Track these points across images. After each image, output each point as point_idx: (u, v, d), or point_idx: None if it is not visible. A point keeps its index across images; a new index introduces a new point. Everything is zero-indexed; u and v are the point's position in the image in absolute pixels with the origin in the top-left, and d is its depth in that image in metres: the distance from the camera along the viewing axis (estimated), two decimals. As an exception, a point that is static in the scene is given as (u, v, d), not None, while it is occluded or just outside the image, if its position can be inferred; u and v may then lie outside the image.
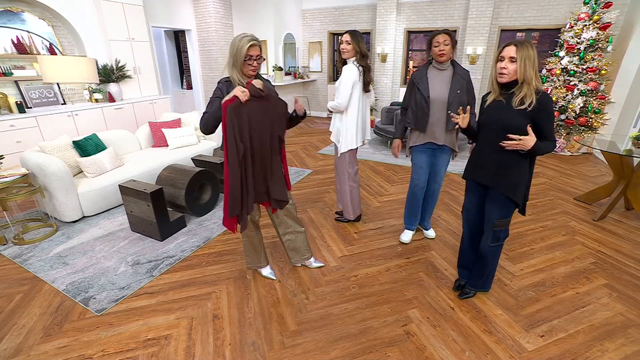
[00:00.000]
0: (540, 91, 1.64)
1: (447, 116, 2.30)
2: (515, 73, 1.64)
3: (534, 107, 1.62)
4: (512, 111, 1.68)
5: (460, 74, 2.27)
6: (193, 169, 3.17)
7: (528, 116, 1.64)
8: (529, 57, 1.60)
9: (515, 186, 1.77)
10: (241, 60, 1.79)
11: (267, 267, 2.36)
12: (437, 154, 2.48)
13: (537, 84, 1.64)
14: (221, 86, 1.89)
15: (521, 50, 1.61)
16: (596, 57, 4.91)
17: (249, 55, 1.79)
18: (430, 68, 2.34)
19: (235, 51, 1.78)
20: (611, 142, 3.48)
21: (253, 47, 1.78)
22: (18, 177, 2.75)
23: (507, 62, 1.65)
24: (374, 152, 5.38)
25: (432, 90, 2.29)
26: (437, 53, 2.23)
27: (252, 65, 1.82)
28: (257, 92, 1.78)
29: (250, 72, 1.86)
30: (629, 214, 3.27)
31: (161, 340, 1.83)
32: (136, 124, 5.22)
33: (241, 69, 1.83)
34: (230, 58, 1.82)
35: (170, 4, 6.27)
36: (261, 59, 1.85)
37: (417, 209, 2.69)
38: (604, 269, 2.43)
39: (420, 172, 2.54)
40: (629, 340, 1.83)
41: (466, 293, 2.14)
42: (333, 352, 1.76)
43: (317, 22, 7.87)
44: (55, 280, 2.30)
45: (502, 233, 1.89)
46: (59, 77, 4.01)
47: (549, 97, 1.66)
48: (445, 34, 2.18)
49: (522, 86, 1.65)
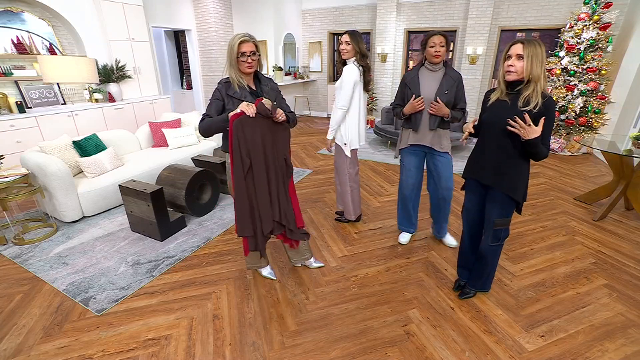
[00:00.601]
0: (547, 95, 1.62)
1: (429, 115, 2.30)
2: (522, 71, 1.62)
3: (539, 109, 1.60)
4: (516, 112, 1.66)
5: (450, 75, 2.26)
6: (193, 169, 3.17)
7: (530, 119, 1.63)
8: (537, 55, 1.58)
9: (515, 185, 1.76)
10: (234, 58, 1.82)
11: (267, 267, 2.36)
12: (435, 158, 2.44)
13: (545, 85, 1.62)
14: (220, 87, 1.91)
15: (528, 47, 1.60)
16: (596, 57, 4.91)
17: (241, 52, 1.81)
18: (422, 69, 2.34)
19: (229, 50, 1.82)
20: (611, 142, 3.48)
21: (244, 43, 1.80)
22: (18, 177, 2.75)
23: (514, 60, 1.63)
24: (374, 152, 5.38)
25: (422, 90, 2.29)
26: (432, 54, 2.22)
27: (246, 62, 1.84)
28: (264, 112, 1.77)
29: (246, 69, 1.87)
30: (629, 214, 3.27)
31: (161, 340, 1.83)
32: (136, 124, 5.22)
33: (237, 67, 1.85)
34: (227, 58, 1.86)
35: (170, 4, 6.27)
36: (256, 54, 1.86)
37: (408, 212, 2.68)
38: (604, 269, 2.43)
39: (407, 175, 2.54)
40: (629, 341, 1.83)
41: (466, 293, 2.14)
42: (333, 352, 1.76)
43: (317, 22, 7.87)
44: (55, 280, 2.30)
45: (503, 233, 1.88)
46: (59, 77, 4.01)
47: (554, 103, 1.64)
48: (441, 35, 2.18)
49: (529, 85, 1.63)
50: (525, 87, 1.64)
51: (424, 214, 3.07)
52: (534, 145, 1.61)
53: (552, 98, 1.63)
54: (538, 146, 1.61)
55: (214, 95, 1.91)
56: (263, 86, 2.01)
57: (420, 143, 2.41)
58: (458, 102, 2.32)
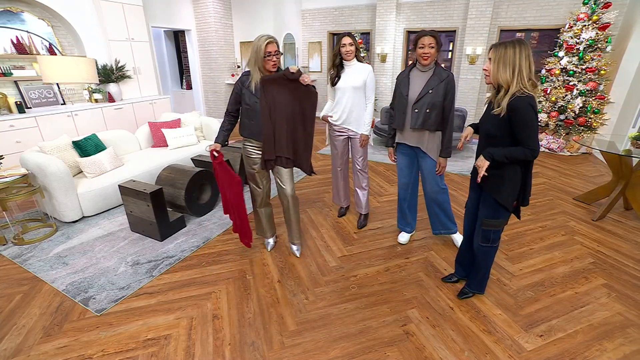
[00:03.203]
0: (516, 95, 1.53)
1: (411, 114, 2.28)
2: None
3: (505, 114, 1.56)
4: (490, 116, 1.67)
5: (437, 75, 2.21)
6: (193, 169, 3.17)
7: (503, 122, 1.60)
8: (504, 58, 1.53)
9: (498, 188, 1.73)
10: (262, 57, 2.06)
11: (270, 239, 2.69)
12: (421, 159, 2.44)
13: (521, 86, 1.53)
14: (243, 78, 2.20)
15: (496, 51, 1.56)
16: (595, 57, 4.92)
17: (267, 52, 2.05)
18: (413, 69, 2.33)
19: (255, 50, 2.06)
20: (610, 142, 3.49)
21: (270, 44, 2.05)
22: (18, 177, 2.76)
23: (488, 63, 1.62)
24: (374, 152, 5.38)
25: (410, 90, 2.29)
26: (420, 54, 2.19)
27: (271, 60, 2.08)
28: (290, 75, 2.11)
29: (271, 68, 2.12)
30: (628, 214, 3.28)
31: (161, 340, 1.83)
32: (136, 124, 5.22)
33: (263, 65, 2.09)
34: (252, 57, 2.10)
35: (170, 4, 6.27)
36: (279, 53, 2.12)
37: (403, 211, 2.69)
38: (603, 269, 2.43)
39: (400, 174, 2.59)
40: (628, 340, 1.83)
41: (464, 293, 2.14)
42: (332, 352, 1.76)
43: (316, 22, 7.87)
44: (55, 280, 2.30)
45: (492, 234, 1.86)
46: (59, 77, 4.02)
47: (524, 101, 1.52)
48: (431, 36, 2.13)
49: (499, 90, 1.61)
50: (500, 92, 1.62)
51: (424, 214, 3.08)
52: (498, 162, 1.64)
53: (523, 97, 1.52)
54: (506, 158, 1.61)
55: (235, 85, 2.23)
56: None
57: (406, 142, 2.43)
58: (447, 103, 2.23)
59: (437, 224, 2.67)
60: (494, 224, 1.83)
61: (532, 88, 1.56)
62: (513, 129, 1.59)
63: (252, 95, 2.15)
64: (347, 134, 2.81)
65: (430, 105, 2.21)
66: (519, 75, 1.53)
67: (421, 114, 2.24)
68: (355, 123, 2.74)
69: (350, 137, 2.82)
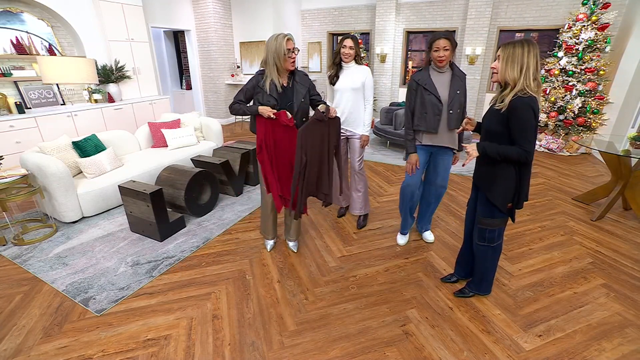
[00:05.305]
0: (518, 95, 1.56)
1: (448, 116, 2.29)
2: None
3: (505, 110, 1.59)
4: (492, 113, 1.69)
5: (458, 76, 2.27)
6: (192, 170, 3.18)
7: (503, 119, 1.62)
8: (512, 57, 1.56)
9: (490, 186, 1.76)
10: (283, 55, 2.01)
11: (270, 241, 2.69)
12: (439, 155, 2.44)
13: (527, 85, 1.55)
14: (257, 77, 2.15)
15: (505, 50, 1.59)
16: (595, 57, 4.92)
17: (288, 49, 2.01)
18: (431, 70, 2.31)
19: (274, 49, 2.01)
20: (609, 143, 3.49)
21: (289, 40, 2.04)
22: (18, 178, 2.76)
23: (496, 62, 1.65)
24: (373, 152, 5.38)
25: (440, 92, 2.27)
26: (436, 58, 2.20)
27: (291, 57, 2.07)
28: (320, 117, 2.12)
29: (290, 66, 2.10)
30: (627, 214, 3.28)
31: (161, 341, 1.84)
32: (135, 125, 5.22)
33: (283, 64, 2.06)
34: (270, 57, 2.04)
35: (170, 4, 6.27)
36: (297, 49, 2.10)
37: (408, 210, 2.66)
38: (602, 269, 2.44)
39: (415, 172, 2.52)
40: (626, 340, 1.84)
41: (462, 292, 2.15)
42: (332, 352, 1.76)
43: (316, 23, 7.88)
44: (55, 280, 2.31)
45: (488, 233, 1.87)
46: (59, 78, 4.02)
47: (524, 102, 1.54)
48: (445, 38, 2.14)
49: (506, 87, 1.64)
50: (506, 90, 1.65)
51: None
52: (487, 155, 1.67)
53: (525, 98, 1.55)
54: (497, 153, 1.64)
55: (249, 81, 2.17)
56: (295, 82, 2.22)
57: (437, 144, 2.37)
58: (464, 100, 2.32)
59: (425, 221, 2.77)
60: (489, 223, 1.85)
61: (536, 88, 1.57)
62: (510, 127, 1.61)
63: (267, 95, 2.12)
64: (346, 135, 2.82)
65: (459, 105, 2.26)
66: (526, 74, 1.56)
67: (454, 114, 2.27)
68: (354, 124, 2.76)
69: (348, 137, 2.83)
